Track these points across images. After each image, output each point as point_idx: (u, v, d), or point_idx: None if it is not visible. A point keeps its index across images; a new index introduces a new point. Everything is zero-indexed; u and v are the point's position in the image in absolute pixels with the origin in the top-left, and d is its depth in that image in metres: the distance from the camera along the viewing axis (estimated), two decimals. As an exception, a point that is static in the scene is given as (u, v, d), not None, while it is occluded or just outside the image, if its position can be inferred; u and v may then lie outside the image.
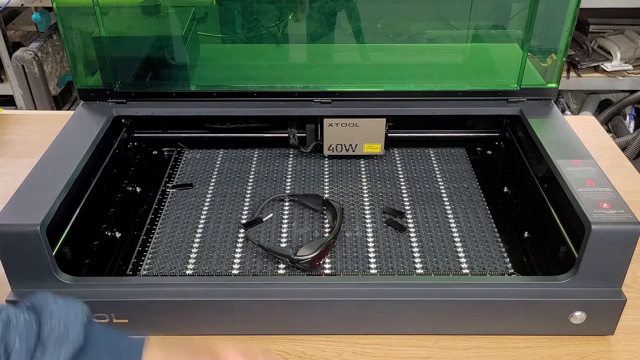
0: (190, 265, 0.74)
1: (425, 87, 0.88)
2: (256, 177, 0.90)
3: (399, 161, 0.94)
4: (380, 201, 0.85)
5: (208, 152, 0.96)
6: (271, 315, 0.67)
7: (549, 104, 0.88)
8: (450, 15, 1.01)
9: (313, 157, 0.95)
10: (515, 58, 0.88)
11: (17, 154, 1.04)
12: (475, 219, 0.81)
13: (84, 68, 0.90)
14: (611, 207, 0.64)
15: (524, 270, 0.73)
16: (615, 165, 1.00)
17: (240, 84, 0.92)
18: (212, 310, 0.66)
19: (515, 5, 0.98)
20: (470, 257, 0.74)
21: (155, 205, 0.85)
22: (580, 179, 0.69)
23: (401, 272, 0.72)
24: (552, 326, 0.68)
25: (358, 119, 0.87)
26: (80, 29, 0.88)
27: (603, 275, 0.64)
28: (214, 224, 0.80)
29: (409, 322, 0.68)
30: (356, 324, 0.68)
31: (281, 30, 0.99)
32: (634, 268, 0.78)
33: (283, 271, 0.73)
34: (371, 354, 0.67)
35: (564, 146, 0.76)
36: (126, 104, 0.88)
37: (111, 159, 0.86)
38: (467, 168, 0.92)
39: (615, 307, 0.66)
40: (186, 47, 0.97)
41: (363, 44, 1.02)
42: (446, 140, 0.98)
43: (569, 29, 0.85)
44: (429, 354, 0.67)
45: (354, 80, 0.96)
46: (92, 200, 0.78)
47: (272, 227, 0.80)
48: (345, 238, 0.77)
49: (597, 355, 0.67)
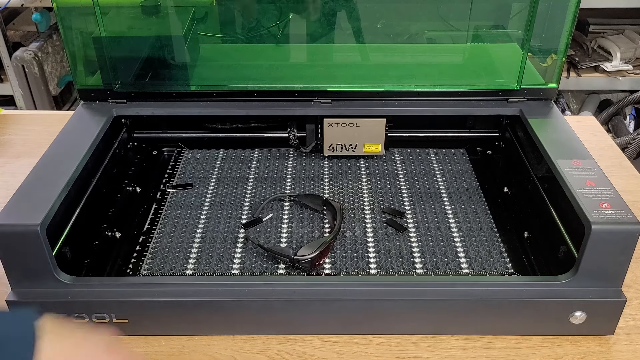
0: (190, 265, 0.74)
1: (425, 87, 0.88)
2: (256, 177, 0.90)
3: (399, 161, 0.94)
4: (380, 201, 0.85)
5: (208, 152, 0.96)
6: (271, 315, 0.67)
7: (549, 104, 0.88)
8: (450, 15, 1.01)
9: (313, 157, 0.95)
10: (515, 58, 0.88)
11: (17, 154, 1.04)
12: (475, 219, 0.81)
13: (84, 68, 0.90)
14: (611, 207, 0.64)
15: (524, 270, 0.73)
16: (615, 165, 1.00)
17: (240, 84, 0.92)
18: (212, 310, 0.66)
19: (515, 5, 0.98)
20: (470, 257, 0.74)
21: (155, 205, 0.85)
22: (580, 179, 0.69)
23: (401, 272, 0.72)
24: (552, 326, 0.68)
25: (358, 119, 0.87)
26: (80, 29, 0.88)
27: (603, 275, 0.64)
28: (214, 224, 0.80)
29: (409, 322, 0.68)
30: (356, 324, 0.68)
31: (281, 30, 0.99)
32: (634, 268, 0.78)
33: (283, 271, 0.73)
34: (371, 354, 0.67)
35: (564, 146, 0.76)
36: (126, 104, 0.88)
37: (111, 159, 0.86)
38: (467, 168, 0.92)
39: (615, 307, 0.66)
40: (186, 47, 0.97)
41: (363, 44, 1.02)
42: (446, 140, 0.98)
43: (569, 29, 0.85)
44: (429, 354, 0.67)
45: (354, 80, 0.96)
46: (92, 200, 0.78)
47: (272, 227, 0.80)
48: (345, 238, 0.77)
49: (597, 355, 0.67)
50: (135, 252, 0.76)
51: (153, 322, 0.67)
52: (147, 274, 0.73)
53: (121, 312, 0.66)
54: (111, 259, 0.76)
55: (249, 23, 1.00)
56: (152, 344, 0.68)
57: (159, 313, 0.66)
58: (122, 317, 0.66)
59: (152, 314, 0.66)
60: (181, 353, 0.67)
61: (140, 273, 0.73)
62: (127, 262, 0.75)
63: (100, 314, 0.66)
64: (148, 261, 0.75)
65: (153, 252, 0.76)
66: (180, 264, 0.74)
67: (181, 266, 0.73)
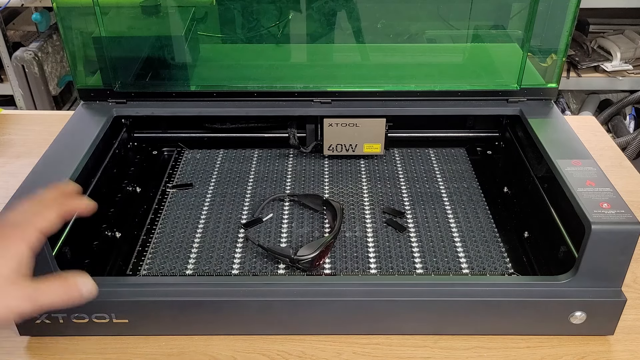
0: (190, 265, 0.74)
1: (425, 87, 0.88)
2: (256, 177, 0.90)
3: (399, 161, 0.94)
4: (380, 201, 0.85)
5: (208, 152, 0.96)
6: (271, 315, 0.67)
7: (549, 104, 0.88)
8: (450, 15, 1.01)
9: (313, 157, 0.95)
10: (515, 58, 0.88)
11: (17, 154, 1.04)
12: (475, 219, 0.81)
13: (84, 68, 0.90)
14: (611, 207, 0.64)
15: (524, 270, 0.73)
16: (615, 165, 1.00)
17: (240, 84, 0.92)
18: (212, 310, 0.66)
19: (515, 5, 0.98)
20: (470, 257, 0.74)
21: (155, 205, 0.85)
22: (580, 179, 0.69)
23: (401, 272, 0.72)
24: (552, 326, 0.68)
25: (358, 119, 0.87)
26: (80, 29, 0.88)
27: (603, 275, 0.64)
28: (214, 224, 0.80)
29: (409, 322, 0.68)
30: (356, 324, 0.68)
31: (281, 30, 0.99)
32: (634, 268, 0.78)
33: (283, 271, 0.73)
34: (371, 354, 0.67)
35: (564, 146, 0.76)
36: (126, 104, 0.88)
37: (111, 159, 0.86)
38: (467, 168, 0.92)
39: (615, 307, 0.66)
40: (186, 47, 0.97)
41: (363, 44, 1.02)
42: (446, 140, 0.98)
43: (569, 29, 0.85)
44: (429, 354, 0.67)
45: (354, 80, 0.96)
46: (92, 200, 0.78)
47: (272, 227, 0.80)
48: (345, 238, 0.77)
49: (597, 355, 0.67)
50: (135, 252, 0.76)
51: (153, 322, 0.67)
52: (147, 274, 0.73)
53: (121, 312, 0.66)
54: (111, 259, 0.76)
55: (249, 23, 1.00)
56: (152, 344, 0.68)
57: (159, 313, 0.66)
58: (122, 317, 0.66)
59: (152, 314, 0.66)
60: (181, 353, 0.67)
61: (140, 273, 0.73)
62: (127, 262, 0.75)
63: (100, 314, 0.66)
64: (148, 261, 0.75)
65: (153, 252, 0.76)
66: (180, 264, 0.74)
67: (181, 266, 0.73)
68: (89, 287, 0.53)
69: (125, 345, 0.67)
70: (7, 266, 0.50)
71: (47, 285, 0.52)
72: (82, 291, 0.53)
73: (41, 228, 0.53)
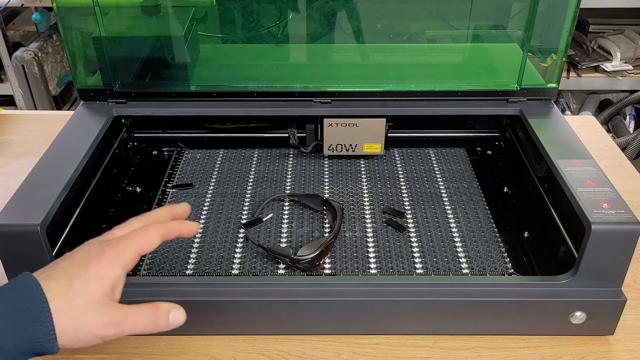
0: (190, 265, 0.74)
1: (425, 87, 0.88)
2: (256, 177, 0.90)
3: (399, 161, 0.94)
4: (380, 201, 0.85)
5: (208, 152, 0.96)
6: (271, 315, 0.67)
7: (549, 104, 0.88)
8: (450, 15, 1.01)
9: (313, 157, 0.95)
10: (515, 58, 0.88)
11: (17, 154, 1.04)
12: (475, 219, 0.81)
13: (84, 68, 0.90)
14: (611, 207, 0.64)
15: (524, 270, 0.73)
16: (615, 165, 1.00)
17: (240, 84, 0.92)
18: (212, 310, 0.66)
19: (515, 5, 0.98)
20: (470, 257, 0.74)
21: (155, 205, 0.85)
22: (580, 179, 0.69)
23: (401, 272, 0.72)
24: (552, 326, 0.68)
25: (358, 119, 0.87)
26: (80, 29, 0.88)
27: (603, 275, 0.64)
28: (214, 224, 0.80)
29: (409, 322, 0.68)
30: (356, 324, 0.68)
31: (281, 30, 0.99)
32: (634, 268, 0.78)
33: (283, 271, 0.73)
34: (371, 354, 0.67)
35: (564, 146, 0.76)
36: (126, 104, 0.88)
37: (111, 159, 0.86)
38: (467, 168, 0.92)
39: (615, 307, 0.66)
40: (186, 47, 0.97)
41: (363, 44, 1.02)
42: (446, 140, 0.98)
43: (569, 29, 0.85)
44: (429, 354, 0.67)
45: (354, 80, 0.96)
46: (92, 200, 0.78)
47: (272, 227, 0.80)
48: (345, 238, 0.77)
49: (597, 355, 0.67)
50: (135, 252, 0.76)
51: (153, 322, 0.67)
52: (147, 274, 0.73)
53: (121, 312, 0.66)
54: (111, 259, 0.76)
55: (249, 23, 1.00)
56: (152, 344, 0.68)
57: (159, 313, 0.66)
58: (122, 317, 0.66)
59: (152, 314, 0.66)
60: (181, 353, 0.67)
61: (140, 273, 0.73)
62: (127, 262, 0.75)
63: (100, 314, 0.66)
64: (148, 261, 0.75)
65: (153, 252, 0.76)
66: (180, 264, 0.74)
67: (181, 266, 0.73)
68: (179, 319, 0.52)
69: (125, 345, 0.67)
70: (99, 288, 0.48)
71: (136, 312, 0.50)
72: (170, 322, 0.51)
73: (139, 249, 0.51)
